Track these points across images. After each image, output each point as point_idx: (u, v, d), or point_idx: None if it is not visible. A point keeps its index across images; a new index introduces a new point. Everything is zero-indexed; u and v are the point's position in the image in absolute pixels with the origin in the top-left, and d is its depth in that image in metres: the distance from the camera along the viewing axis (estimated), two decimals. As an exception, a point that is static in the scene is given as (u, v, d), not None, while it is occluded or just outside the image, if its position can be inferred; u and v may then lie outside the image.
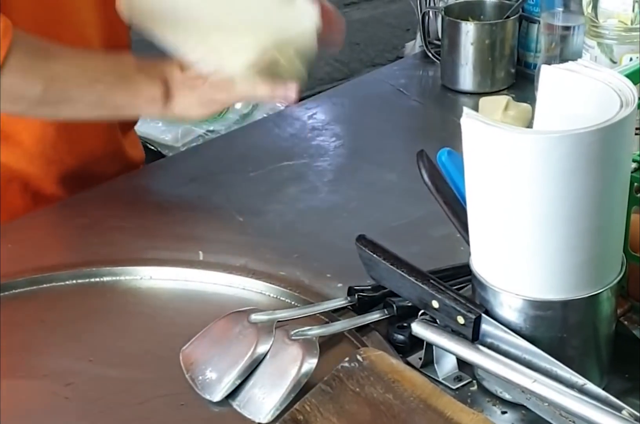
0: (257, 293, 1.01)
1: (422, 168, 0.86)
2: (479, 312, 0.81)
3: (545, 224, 0.75)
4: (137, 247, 1.09)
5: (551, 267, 0.77)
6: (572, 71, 0.78)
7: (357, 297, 0.94)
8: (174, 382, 0.89)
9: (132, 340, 0.95)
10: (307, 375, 0.85)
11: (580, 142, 0.71)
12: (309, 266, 1.05)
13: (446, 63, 1.47)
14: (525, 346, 0.79)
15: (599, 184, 0.74)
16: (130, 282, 1.03)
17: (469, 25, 1.43)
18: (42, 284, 1.02)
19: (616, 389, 0.82)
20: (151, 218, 1.14)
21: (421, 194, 0.93)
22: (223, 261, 1.05)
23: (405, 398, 0.76)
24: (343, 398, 0.77)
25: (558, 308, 0.79)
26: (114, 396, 0.88)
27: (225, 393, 0.86)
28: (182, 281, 1.03)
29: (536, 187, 0.74)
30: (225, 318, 0.91)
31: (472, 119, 0.73)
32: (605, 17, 1.13)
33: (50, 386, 0.89)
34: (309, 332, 0.88)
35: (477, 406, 0.85)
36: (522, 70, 1.47)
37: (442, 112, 1.35)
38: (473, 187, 0.78)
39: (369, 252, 0.89)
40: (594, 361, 0.84)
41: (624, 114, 0.73)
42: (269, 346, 0.87)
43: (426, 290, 0.84)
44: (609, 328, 0.83)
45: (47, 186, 1.24)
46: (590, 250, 0.77)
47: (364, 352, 0.81)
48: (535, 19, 1.44)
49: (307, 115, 1.40)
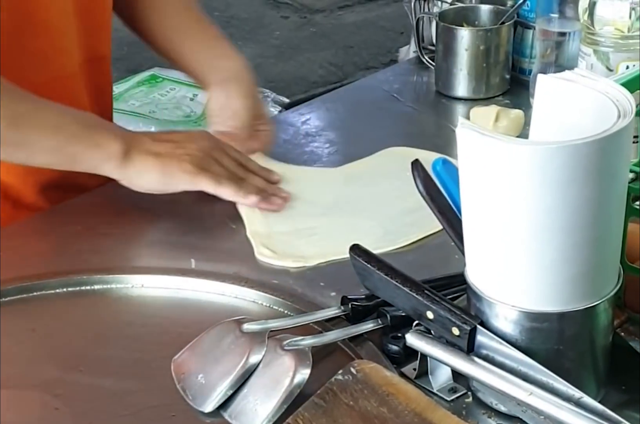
0: (250, 302, 1.00)
1: (417, 178, 0.85)
2: (474, 323, 0.80)
3: (542, 235, 0.75)
4: (129, 255, 1.08)
5: (547, 278, 0.77)
6: (568, 80, 0.78)
7: (350, 307, 0.93)
8: (165, 392, 0.88)
9: (123, 349, 0.94)
10: (299, 386, 0.84)
11: (578, 153, 0.71)
12: (302, 274, 1.04)
13: (440, 69, 1.46)
14: (521, 358, 0.78)
15: (596, 195, 0.74)
16: (122, 291, 1.02)
17: (463, 31, 1.42)
18: (32, 292, 1.01)
19: (613, 401, 0.82)
20: (143, 225, 1.13)
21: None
22: (215, 269, 1.04)
23: (400, 411, 0.75)
24: (337, 411, 0.76)
25: (554, 320, 0.78)
26: (105, 406, 0.87)
27: (216, 403, 0.85)
28: (174, 289, 1.02)
29: (532, 198, 0.73)
30: (217, 327, 0.91)
31: (468, 129, 0.73)
32: (602, 25, 1.13)
33: (40, 396, 0.88)
34: (301, 342, 0.88)
35: (472, 418, 0.84)
36: (516, 77, 1.46)
37: (437, 118, 1.35)
38: (468, 197, 0.77)
39: (363, 262, 0.88)
40: (591, 373, 0.83)
41: (621, 124, 0.72)
42: (261, 356, 0.86)
43: (421, 301, 0.83)
44: (606, 339, 0.83)
45: (27, 195, 1.22)
46: (587, 261, 0.76)
47: (357, 364, 0.80)
48: (530, 24, 1.43)
49: (300, 121, 1.39)
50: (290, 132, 1.36)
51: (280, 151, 1.30)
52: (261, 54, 3.57)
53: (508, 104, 1.40)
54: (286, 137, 1.35)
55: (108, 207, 1.11)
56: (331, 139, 1.34)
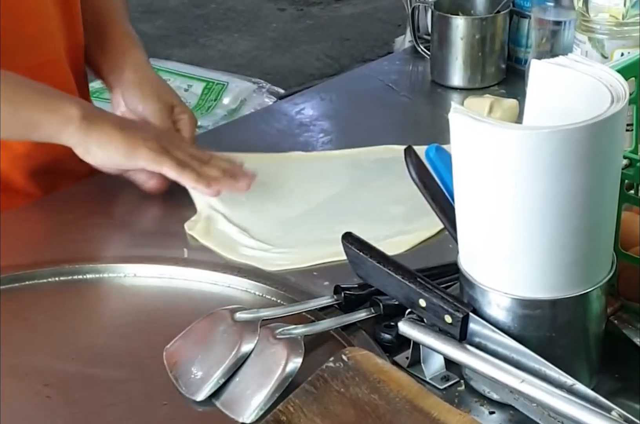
0: (243, 291, 0.99)
1: (410, 165, 0.85)
2: (467, 311, 0.79)
3: (534, 221, 0.74)
4: (121, 244, 1.08)
5: (540, 265, 0.76)
6: (562, 66, 0.77)
7: (343, 296, 0.93)
8: (157, 381, 0.87)
9: (115, 338, 0.94)
10: (291, 375, 0.83)
11: (570, 138, 0.70)
12: (295, 263, 1.03)
13: (436, 58, 1.46)
14: (514, 346, 0.78)
15: (589, 181, 0.73)
16: (114, 280, 1.02)
17: (458, 20, 1.41)
18: (24, 282, 1.01)
19: (606, 389, 0.81)
20: (136, 215, 1.13)
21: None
22: (208, 259, 1.04)
23: (391, 398, 0.75)
24: (327, 398, 0.76)
25: (547, 307, 0.78)
26: (96, 395, 0.87)
27: (208, 392, 0.85)
28: (167, 278, 1.02)
29: (525, 184, 0.72)
30: (210, 317, 0.90)
31: (461, 114, 0.72)
32: (597, 12, 1.12)
33: (32, 385, 0.88)
34: (294, 331, 0.87)
35: (465, 406, 0.84)
36: (512, 66, 1.46)
37: (432, 108, 1.34)
38: (461, 183, 0.77)
39: (356, 250, 0.87)
40: (584, 361, 0.83)
41: (614, 109, 0.71)
42: (253, 345, 0.86)
43: (413, 289, 0.83)
44: (599, 327, 0.82)
45: (16, 180, 1.21)
46: (580, 248, 0.76)
47: (349, 352, 0.79)
48: (526, 13, 1.43)
49: (294, 110, 1.39)
50: (285, 121, 1.36)
51: (274, 141, 1.30)
52: (258, 46, 3.57)
53: (504, 93, 1.39)
54: (280, 126, 1.34)
55: (100, 196, 1.10)
56: (325, 128, 1.34)
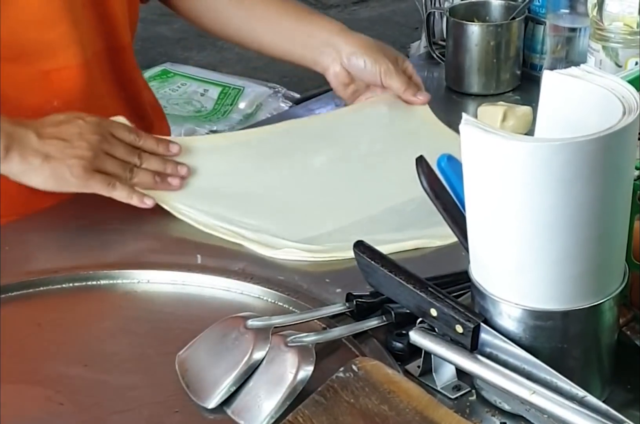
0: (255, 298, 0.99)
1: (421, 174, 0.85)
2: (478, 321, 0.79)
3: (546, 232, 0.74)
4: (135, 250, 1.08)
5: (552, 276, 0.76)
6: (574, 77, 0.77)
7: (355, 304, 0.93)
8: (169, 388, 0.88)
9: (128, 345, 0.94)
10: (303, 383, 0.83)
11: (582, 151, 0.70)
12: (308, 270, 1.04)
13: (451, 64, 1.45)
14: (525, 357, 0.78)
15: (601, 193, 0.73)
16: (127, 286, 1.02)
17: (474, 27, 1.41)
18: (38, 287, 1.01)
19: (618, 400, 0.81)
20: (149, 221, 1.13)
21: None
22: (221, 265, 1.04)
23: (401, 409, 0.74)
24: (337, 409, 0.76)
25: (558, 318, 0.78)
26: (109, 401, 0.87)
27: (220, 399, 0.85)
28: (180, 284, 1.02)
29: (536, 196, 0.72)
30: (222, 323, 0.90)
31: (471, 126, 0.72)
32: (611, 20, 1.12)
33: (45, 391, 0.88)
34: (305, 339, 0.87)
35: (476, 416, 0.83)
36: (527, 72, 1.46)
37: (446, 115, 1.33)
38: (472, 194, 0.77)
39: (367, 258, 0.88)
40: (595, 372, 0.82)
41: (626, 121, 0.71)
42: (265, 353, 0.86)
43: (424, 298, 0.83)
44: (611, 338, 0.82)
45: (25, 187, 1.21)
46: (592, 259, 0.76)
47: (359, 362, 0.79)
48: (541, 20, 1.42)
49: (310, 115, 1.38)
50: (299, 127, 1.35)
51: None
52: (275, 49, 3.56)
53: (518, 99, 1.39)
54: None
55: (114, 202, 1.11)
56: (340, 134, 1.33)
